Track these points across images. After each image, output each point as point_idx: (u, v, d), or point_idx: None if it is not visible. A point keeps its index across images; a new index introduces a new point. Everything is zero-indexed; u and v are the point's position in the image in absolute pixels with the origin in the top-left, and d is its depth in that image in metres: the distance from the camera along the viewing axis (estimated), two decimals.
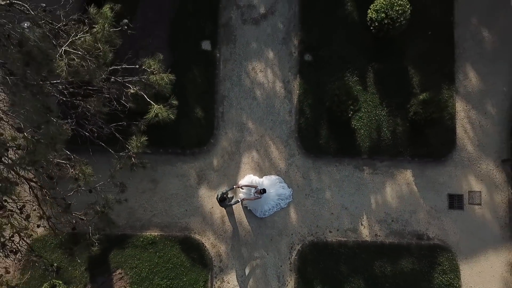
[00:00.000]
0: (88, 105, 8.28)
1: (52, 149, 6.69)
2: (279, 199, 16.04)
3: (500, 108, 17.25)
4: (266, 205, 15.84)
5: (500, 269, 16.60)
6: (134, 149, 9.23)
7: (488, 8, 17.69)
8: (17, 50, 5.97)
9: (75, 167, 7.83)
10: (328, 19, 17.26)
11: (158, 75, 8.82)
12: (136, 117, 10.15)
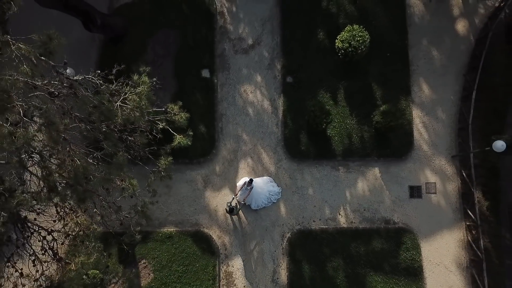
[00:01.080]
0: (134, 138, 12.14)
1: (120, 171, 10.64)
2: (270, 195, 20.09)
3: (448, 113, 21.40)
4: (260, 199, 19.88)
5: (453, 245, 20.70)
6: (163, 166, 13.13)
7: (435, 31, 21.86)
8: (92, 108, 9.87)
9: (124, 181, 11.75)
10: (304, 47, 21.40)
11: (178, 115, 12.73)
12: (163, 143, 14.09)
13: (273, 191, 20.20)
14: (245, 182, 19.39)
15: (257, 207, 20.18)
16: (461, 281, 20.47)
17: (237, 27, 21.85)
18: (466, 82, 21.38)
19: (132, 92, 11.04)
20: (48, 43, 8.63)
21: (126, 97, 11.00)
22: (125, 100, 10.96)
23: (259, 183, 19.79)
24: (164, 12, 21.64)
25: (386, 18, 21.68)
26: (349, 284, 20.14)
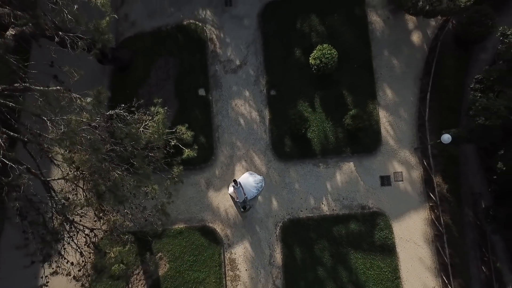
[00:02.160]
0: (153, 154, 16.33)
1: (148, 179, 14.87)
2: (256, 184, 24.31)
3: (409, 113, 25.77)
4: (250, 191, 24.12)
5: (420, 223, 25.06)
6: (176, 173, 17.31)
7: (394, 43, 26.23)
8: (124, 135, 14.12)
9: (148, 186, 15.98)
10: (284, 64, 25.76)
11: (185, 134, 16.89)
12: (175, 156, 18.26)
13: (257, 180, 24.48)
14: (233, 186, 23.72)
15: (252, 196, 24.32)
16: (428, 253, 24.83)
17: (226, 50, 26.19)
18: (422, 85, 25.77)
19: (151, 120, 15.22)
20: (98, 96, 12.88)
21: (146, 124, 15.22)
22: (146, 127, 15.15)
23: (244, 178, 24.10)
24: (163, 42, 25.94)
25: (351, 34, 26.06)
26: (334, 262, 24.46)
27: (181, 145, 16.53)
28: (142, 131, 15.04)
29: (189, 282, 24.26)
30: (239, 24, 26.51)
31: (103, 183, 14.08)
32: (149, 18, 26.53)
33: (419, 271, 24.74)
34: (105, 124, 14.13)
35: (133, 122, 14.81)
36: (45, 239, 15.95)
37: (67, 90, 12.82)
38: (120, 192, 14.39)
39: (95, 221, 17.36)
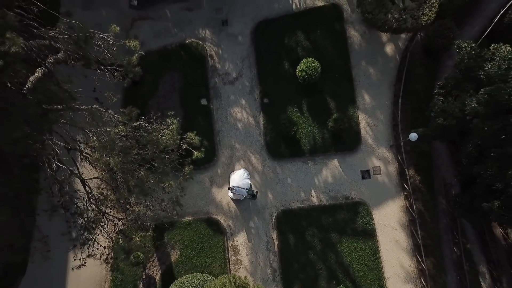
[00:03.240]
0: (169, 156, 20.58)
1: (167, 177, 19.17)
2: (244, 178, 28.21)
3: (385, 114, 30.17)
4: (245, 182, 28.14)
5: (396, 210, 29.45)
6: (187, 172, 21.56)
7: (370, 54, 30.64)
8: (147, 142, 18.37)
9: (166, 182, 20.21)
10: (275, 76, 30.15)
11: (194, 139, 21.10)
12: (186, 157, 22.53)
13: (240, 173, 28.58)
14: (232, 192, 27.99)
15: (248, 185, 28.33)
16: (404, 236, 29.21)
17: (224, 65, 30.59)
18: (395, 90, 30.19)
19: (167, 128, 19.47)
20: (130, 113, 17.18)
21: (163, 132, 19.47)
22: (163, 134, 19.40)
23: (233, 181, 28.24)
24: (168, 59, 30.31)
25: (333, 48, 30.48)
26: (323, 246, 28.81)
27: (191, 148, 20.80)
28: (160, 138, 19.33)
29: (198, 267, 28.59)
30: (234, 41, 30.92)
31: (132, 179, 18.37)
32: (155, 38, 30.91)
33: (396, 251, 29.12)
34: (132, 134, 18.40)
35: (152, 131, 19.10)
36: (84, 227, 20.28)
37: (107, 109, 17.13)
38: (145, 186, 18.70)
39: (122, 212, 21.69)
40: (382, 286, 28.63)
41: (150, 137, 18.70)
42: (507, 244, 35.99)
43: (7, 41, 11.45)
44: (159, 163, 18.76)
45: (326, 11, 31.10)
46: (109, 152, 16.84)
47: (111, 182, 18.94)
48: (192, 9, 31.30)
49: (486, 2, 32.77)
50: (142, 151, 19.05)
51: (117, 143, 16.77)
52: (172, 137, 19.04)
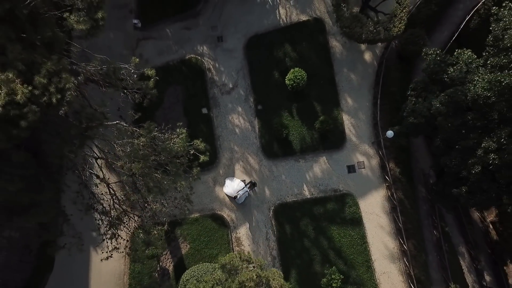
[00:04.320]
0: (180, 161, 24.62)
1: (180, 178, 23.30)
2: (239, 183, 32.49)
3: (366, 115, 34.40)
4: (240, 185, 32.36)
5: (380, 199, 33.66)
6: (195, 173, 25.58)
7: (351, 62, 34.89)
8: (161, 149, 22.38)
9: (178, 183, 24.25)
10: (267, 84, 34.34)
11: (200, 145, 25.12)
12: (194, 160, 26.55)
13: (230, 178, 33.01)
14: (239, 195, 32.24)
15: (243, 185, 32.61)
16: (387, 221, 33.41)
17: (221, 77, 34.75)
18: (374, 92, 34.42)
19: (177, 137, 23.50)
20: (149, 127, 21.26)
21: (174, 140, 23.51)
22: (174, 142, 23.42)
23: (233, 189, 32.47)
24: (171, 74, 34.45)
25: (317, 58, 34.70)
26: (316, 234, 32.97)
27: (197, 153, 24.88)
28: (172, 145, 23.40)
29: (206, 257, 32.70)
30: (229, 56, 35.08)
31: (151, 181, 22.46)
32: (159, 56, 35.02)
33: (381, 236, 33.32)
34: (149, 143, 22.44)
35: (165, 140, 23.18)
36: (111, 223, 24.41)
37: (130, 125, 21.20)
38: (162, 187, 22.80)
39: (141, 210, 25.78)
40: (370, 267, 32.83)
41: (164, 145, 22.82)
42: (484, 226, 40.37)
43: (63, 80, 15.47)
44: (172, 167, 22.87)
45: (310, 25, 35.31)
46: (132, 160, 20.93)
47: (132, 185, 23.02)
48: (190, 28, 35.43)
49: (454, 9, 37.04)
50: (158, 157, 23.16)
51: (139, 152, 20.84)
52: (182, 144, 23.14)
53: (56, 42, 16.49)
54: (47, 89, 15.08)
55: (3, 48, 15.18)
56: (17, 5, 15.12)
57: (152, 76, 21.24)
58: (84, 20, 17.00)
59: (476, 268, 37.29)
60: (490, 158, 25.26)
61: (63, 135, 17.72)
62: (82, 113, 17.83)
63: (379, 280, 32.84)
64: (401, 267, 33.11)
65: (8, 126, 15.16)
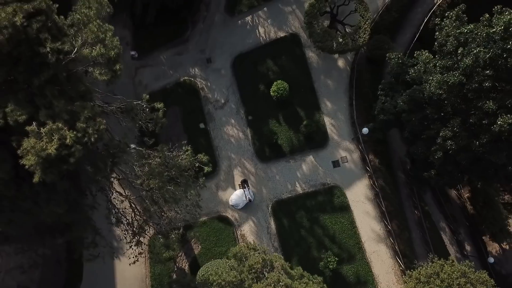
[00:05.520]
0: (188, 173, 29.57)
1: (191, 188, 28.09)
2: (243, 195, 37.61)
3: (344, 115, 39.50)
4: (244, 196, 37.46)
5: (363, 188, 38.77)
6: (201, 182, 30.37)
7: (327, 69, 39.95)
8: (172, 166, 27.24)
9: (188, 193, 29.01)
10: (254, 97, 39.41)
11: (203, 158, 29.96)
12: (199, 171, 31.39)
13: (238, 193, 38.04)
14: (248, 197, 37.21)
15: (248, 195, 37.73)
16: (371, 207, 38.54)
17: (213, 94, 39.73)
18: (350, 94, 39.53)
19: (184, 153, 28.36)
20: (162, 149, 26.24)
21: (182, 157, 28.31)
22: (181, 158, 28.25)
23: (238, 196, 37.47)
24: (169, 96, 39.38)
25: (296, 69, 39.76)
26: (310, 224, 38.05)
27: (201, 165, 29.79)
28: (180, 161, 28.29)
29: (216, 255, 37.68)
30: (219, 74, 40.09)
31: (166, 193, 27.35)
32: (156, 81, 39.95)
33: (368, 220, 38.45)
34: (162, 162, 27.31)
35: (174, 157, 28.07)
36: (135, 233, 29.30)
37: (146, 149, 26.11)
38: (176, 197, 27.72)
39: (159, 219, 30.68)
40: (361, 248, 37.93)
41: (174, 162, 27.74)
42: (461, 202, 45.77)
43: (97, 123, 20.25)
44: (182, 179, 27.81)
45: (288, 40, 40.40)
46: (149, 177, 25.86)
47: (150, 198, 27.90)
48: (181, 53, 40.40)
49: (413, 13, 42.25)
50: (169, 172, 28.08)
51: (155, 170, 25.77)
52: (188, 159, 28.09)
53: (88, 93, 21.38)
54: (86, 131, 19.92)
55: (50, 103, 20.04)
56: (58, 70, 19.94)
57: (160, 108, 26.16)
58: (106, 72, 21.89)
59: (457, 240, 42.61)
60: (448, 145, 30.40)
61: (97, 164, 22.56)
62: (111, 145, 22.71)
63: (370, 259, 37.94)
64: (388, 245, 38.22)
65: (60, 163, 19.98)
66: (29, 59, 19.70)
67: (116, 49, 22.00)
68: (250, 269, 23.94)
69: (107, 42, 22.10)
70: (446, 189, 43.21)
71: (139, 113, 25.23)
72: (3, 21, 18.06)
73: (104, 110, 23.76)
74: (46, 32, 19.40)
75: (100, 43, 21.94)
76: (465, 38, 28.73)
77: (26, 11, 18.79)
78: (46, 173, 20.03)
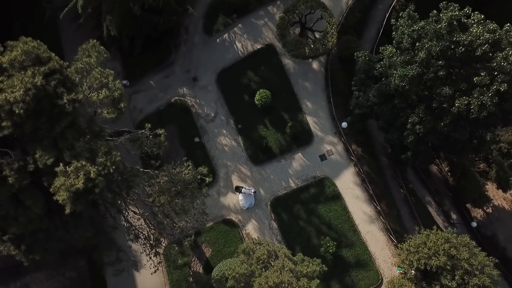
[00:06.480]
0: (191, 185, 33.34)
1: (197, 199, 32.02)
2: (249, 195, 41.70)
3: (325, 112, 43.67)
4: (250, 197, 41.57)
5: (351, 176, 42.95)
6: (204, 192, 34.24)
7: (303, 72, 44.06)
8: (177, 181, 31.24)
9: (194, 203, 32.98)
10: (241, 107, 43.48)
11: (204, 170, 33.84)
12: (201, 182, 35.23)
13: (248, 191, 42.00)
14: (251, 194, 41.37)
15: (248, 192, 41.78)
16: (360, 192, 42.76)
17: (203, 109, 43.77)
18: (327, 93, 43.68)
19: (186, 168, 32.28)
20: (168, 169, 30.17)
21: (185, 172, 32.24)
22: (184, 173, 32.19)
23: (244, 197, 41.49)
24: (163, 117, 43.38)
25: (276, 76, 43.91)
26: (307, 215, 42.20)
27: (203, 176, 33.77)
28: (184, 176, 32.28)
29: (226, 255, 41.73)
30: (206, 91, 44.14)
31: (176, 206, 31.35)
32: (149, 104, 43.89)
33: (359, 204, 42.66)
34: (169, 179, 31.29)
35: (178, 173, 32.04)
36: (152, 245, 33.28)
37: (154, 170, 30.16)
38: (184, 208, 31.74)
39: (171, 230, 34.66)
40: (355, 230, 42.14)
41: (179, 177, 31.76)
42: (442, 176, 50.28)
43: (113, 156, 24.16)
44: (188, 192, 31.86)
45: (264, 51, 44.51)
46: (159, 194, 29.88)
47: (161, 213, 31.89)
48: (169, 76, 44.40)
49: (375, 10, 46.54)
50: (175, 187, 32.10)
51: (164, 187, 29.78)
52: (191, 173, 32.12)
53: (101, 132, 25.35)
54: (106, 164, 23.84)
55: (72, 145, 23.96)
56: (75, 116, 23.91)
57: (162, 133, 30.16)
58: (112, 111, 25.89)
59: (443, 210, 47.10)
60: (417, 129, 34.67)
61: (115, 190, 26.52)
62: (125, 172, 26.71)
63: (365, 239, 42.16)
64: (379, 224, 42.45)
65: (86, 194, 23.91)
66: (50, 111, 23.64)
67: (119, 90, 26.04)
68: (258, 261, 28.16)
69: (110, 85, 26.11)
70: (427, 166, 47.61)
71: (144, 140, 29.22)
72: (28, 84, 21.95)
73: (115, 143, 27.68)
74: (62, 86, 23.30)
75: (105, 87, 25.96)
76: (418, 34, 32.98)
77: (43, 72, 22.67)
78: (76, 204, 24.00)
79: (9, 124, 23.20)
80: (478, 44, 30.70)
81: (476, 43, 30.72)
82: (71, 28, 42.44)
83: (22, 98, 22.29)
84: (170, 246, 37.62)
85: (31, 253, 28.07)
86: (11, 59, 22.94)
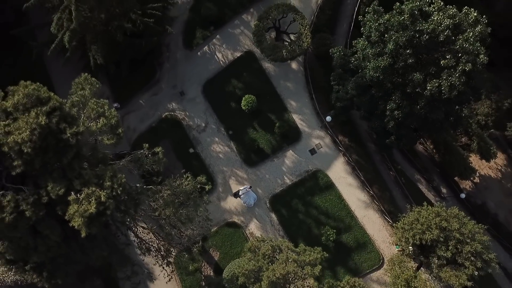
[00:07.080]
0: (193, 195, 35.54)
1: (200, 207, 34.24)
2: (248, 193, 44.03)
3: (309, 109, 46.06)
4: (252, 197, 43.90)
5: (342, 165, 45.41)
6: (206, 199, 36.43)
7: (284, 74, 46.42)
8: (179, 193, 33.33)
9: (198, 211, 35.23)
10: (230, 113, 45.77)
11: (202, 179, 36.04)
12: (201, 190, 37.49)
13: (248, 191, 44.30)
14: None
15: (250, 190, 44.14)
16: (352, 179, 45.24)
17: (194, 121, 46.00)
18: (309, 90, 46.07)
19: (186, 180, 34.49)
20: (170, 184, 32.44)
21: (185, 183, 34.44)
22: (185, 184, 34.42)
23: (245, 195, 43.79)
24: (156, 133, 45.58)
25: (258, 80, 46.25)
26: (305, 208, 44.61)
27: (202, 185, 36.02)
28: (185, 187, 34.53)
29: (234, 256, 44.04)
30: (194, 103, 46.38)
31: (181, 216, 33.59)
32: (141, 122, 46.06)
33: (352, 191, 45.16)
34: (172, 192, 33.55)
35: (179, 185, 34.29)
36: (164, 256, 35.52)
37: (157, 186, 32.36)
38: (189, 217, 34.00)
39: (178, 239, 36.89)
40: (352, 216, 44.63)
41: (180, 189, 34.01)
42: (428, 154, 52.93)
43: (119, 178, 26.39)
44: (190, 201, 34.12)
45: (244, 58, 46.84)
46: (164, 207, 32.12)
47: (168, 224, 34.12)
48: (157, 93, 46.59)
49: (345, 5, 49.02)
50: (178, 199, 34.36)
51: (167, 201, 32.04)
52: (191, 184, 34.39)
53: (105, 158, 27.58)
54: (113, 187, 26.06)
55: (80, 174, 26.14)
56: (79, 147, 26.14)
57: (160, 151, 32.39)
58: (111, 137, 28.11)
59: (433, 186, 49.77)
60: (396, 114, 37.17)
61: (124, 209, 28.74)
62: (131, 191, 28.95)
63: (363, 223, 44.66)
64: (374, 207, 44.97)
65: (99, 217, 26.12)
66: (55, 146, 25.80)
67: (115, 117, 28.26)
68: (264, 256, 30.60)
69: (106, 114, 28.33)
70: (412, 146, 50.21)
71: (144, 160, 31.46)
72: (33, 125, 24.12)
73: (118, 166, 29.91)
74: (63, 122, 25.47)
75: (102, 116, 28.17)
76: (385, 27, 35.42)
77: (45, 111, 24.82)
78: (90, 228, 26.22)
79: (20, 162, 25.34)
80: (440, 31, 33.20)
81: (438, 30, 33.22)
82: (57, 62, 44.42)
83: (29, 138, 24.40)
84: (180, 255, 39.88)
85: (53, 278, 30.23)
86: (15, 103, 25.05)
